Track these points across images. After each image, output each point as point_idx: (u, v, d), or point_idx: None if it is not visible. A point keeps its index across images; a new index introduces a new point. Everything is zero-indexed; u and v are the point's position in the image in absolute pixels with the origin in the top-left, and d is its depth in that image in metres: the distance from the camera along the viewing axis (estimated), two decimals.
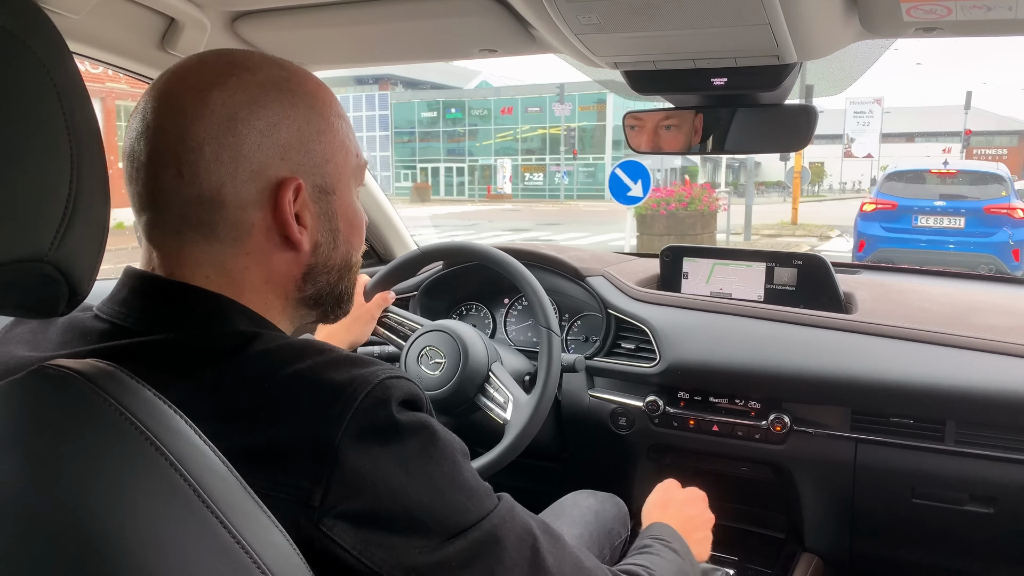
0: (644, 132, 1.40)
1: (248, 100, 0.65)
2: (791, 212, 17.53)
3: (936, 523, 1.40)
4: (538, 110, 31.63)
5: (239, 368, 0.61)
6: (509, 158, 35.10)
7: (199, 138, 0.63)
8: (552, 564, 0.64)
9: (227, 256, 0.66)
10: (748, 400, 1.48)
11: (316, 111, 0.69)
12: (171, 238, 0.67)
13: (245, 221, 0.66)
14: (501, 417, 1.35)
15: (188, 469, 0.51)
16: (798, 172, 17.17)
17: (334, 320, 0.79)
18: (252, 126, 0.65)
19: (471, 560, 0.59)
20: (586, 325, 1.74)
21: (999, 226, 8.63)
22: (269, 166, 0.65)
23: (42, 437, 0.51)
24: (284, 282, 0.70)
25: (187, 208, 0.65)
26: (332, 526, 0.56)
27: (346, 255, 0.74)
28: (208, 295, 0.66)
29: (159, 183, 0.65)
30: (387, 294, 1.52)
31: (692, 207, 11.99)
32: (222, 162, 0.64)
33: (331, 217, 0.71)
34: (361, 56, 1.45)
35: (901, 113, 35.59)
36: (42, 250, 0.50)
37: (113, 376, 0.53)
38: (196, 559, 0.50)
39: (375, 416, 0.58)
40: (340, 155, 0.71)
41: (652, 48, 1.12)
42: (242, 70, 0.66)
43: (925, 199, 9.15)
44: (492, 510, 0.63)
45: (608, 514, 1.31)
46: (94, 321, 0.67)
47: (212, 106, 0.64)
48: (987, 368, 1.31)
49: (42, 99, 0.50)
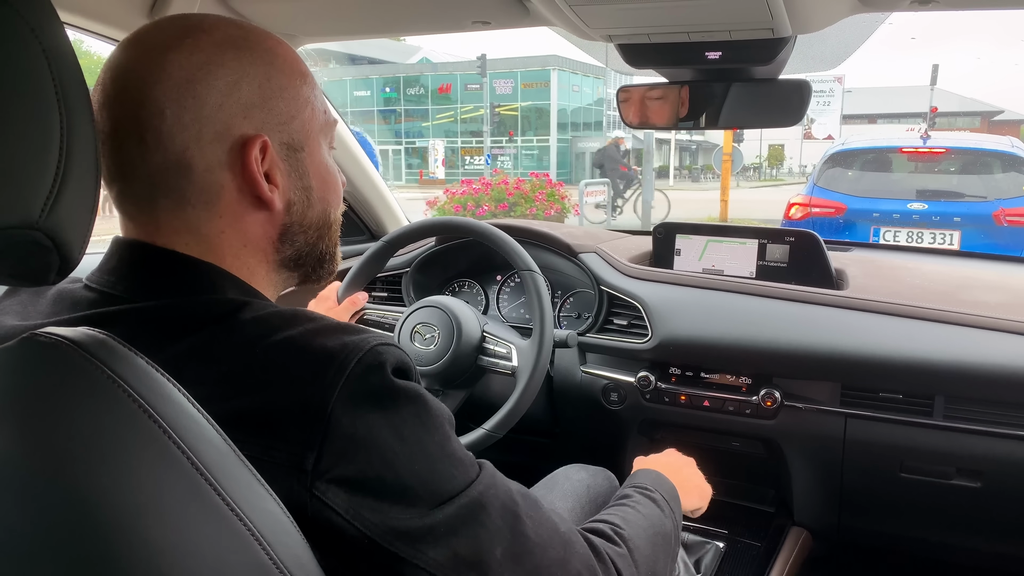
0: (635, 106, 1.39)
1: (205, 60, 0.64)
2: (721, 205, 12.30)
3: (924, 497, 1.42)
4: (478, 87, 28.90)
5: (229, 334, 0.61)
6: (442, 140, 32.23)
7: (159, 102, 0.63)
8: (531, 528, 0.65)
9: (201, 221, 0.66)
10: (739, 375, 1.49)
11: (276, 68, 0.68)
12: (144, 207, 0.67)
13: (214, 183, 0.65)
14: (508, 367, 1.37)
15: (181, 436, 0.51)
16: (728, 155, 11.96)
17: (317, 281, 0.79)
18: (212, 86, 0.64)
19: (458, 526, 0.60)
20: (578, 302, 1.74)
21: (1021, 244, 5.10)
22: (233, 125, 0.65)
23: (34, 405, 0.51)
24: (262, 244, 0.70)
25: (155, 175, 0.65)
26: (325, 490, 0.56)
27: (323, 213, 0.74)
28: (196, 262, 0.66)
29: (124, 153, 0.65)
30: (356, 297, 1.51)
31: (518, 211, 8.85)
32: (185, 125, 0.63)
33: (302, 175, 0.71)
34: (353, 28, 1.44)
35: (863, 93, 35.20)
36: (32, 217, 0.49)
37: (105, 344, 0.53)
38: (190, 526, 0.50)
39: (368, 381, 0.58)
40: (306, 111, 0.71)
41: (646, 20, 1.11)
42: (198, 31, 0.66)
43: (892, 198, 5.53)
44: (476, 478, 0.63)
45: (599, 487, 1.32)
46: (84, 291, 0.67)
47: (169, 69, 0.63)
48: (977, 344, 1.33)
49: (31, 64, 0.50)
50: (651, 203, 11.58)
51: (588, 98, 32.60)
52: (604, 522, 0.83)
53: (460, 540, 0.60)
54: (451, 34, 1.57)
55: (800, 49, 1.24)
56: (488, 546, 0.61)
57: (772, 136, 34.69)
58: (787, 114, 1.32)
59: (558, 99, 30.73)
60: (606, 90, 31.07)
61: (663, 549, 0.87)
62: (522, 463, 1.36)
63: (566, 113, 31.45)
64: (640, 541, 0.82)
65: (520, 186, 9.05)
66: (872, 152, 6.00)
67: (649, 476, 1.01)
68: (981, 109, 36.02)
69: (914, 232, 5.38)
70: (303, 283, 0.79)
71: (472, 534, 0.61)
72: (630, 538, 0.81)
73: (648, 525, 0.87)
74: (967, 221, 5.30)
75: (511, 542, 0.63)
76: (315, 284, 0.80)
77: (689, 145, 31.09)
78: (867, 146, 6.15)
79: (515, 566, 0.62)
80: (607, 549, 0.75)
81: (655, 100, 1.37)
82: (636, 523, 0.86)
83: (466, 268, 1.85)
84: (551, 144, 30.83)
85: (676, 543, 0.94)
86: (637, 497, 0.94)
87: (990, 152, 5.69)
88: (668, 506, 0.95)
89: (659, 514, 0.91)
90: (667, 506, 0.95)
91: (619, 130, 29.63)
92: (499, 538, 0.62)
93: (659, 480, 1.00)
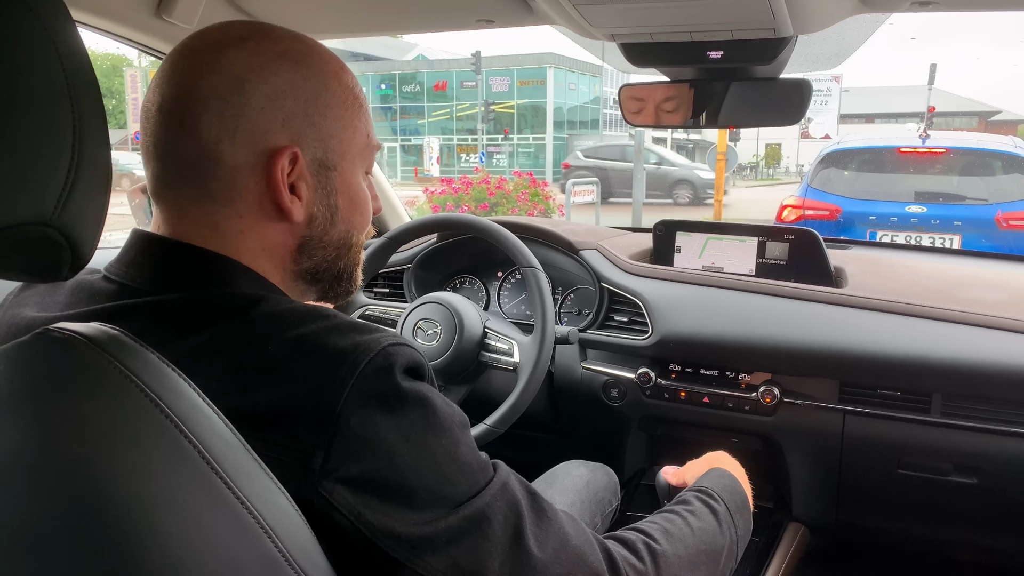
0: (636, 104, 1.40)
1: (261, 64, 0.66)
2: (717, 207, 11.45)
3: (921, 493, 1.43)
4: (474, 85, 28.59)
5: (242, 329, 0.61)
6: (437, 137, 31.48)
7: (205, 92, 0.65)
8: (532, 544, 0.63)
9: (221, 217, 0.67)
10: (738, 372, 1.50)
11: (329, 88, 0.69)
12: (171, 192, 0.68)
13: (239, 183, 0.66)
14: (510, 363, 1.37)
15: (192, 430, 0.52)
16: (722, 154, 11.43)
17: (335, 299, 0.79)
18: (259, 89, 0.65)
19: (460, 536, 0.60)
20: (579, 298, 1.75)
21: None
22: (269, 131, 0.66)
23: (47, 399, 0.52)
24: (280, 252, 0.71)
25: (185, 161, 0.66)
26: (331, 490, 0.57)
27: (345, 233, 0.75)
28: (213, 256, 0.67)
29: (163, 132, 0.66)
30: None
31: (500, 211, 8.45)
32: (224, 118, 0.65)
33: (330, 192, 0.71)
34: (358, 26, 1.45)
35: (860, 93, 35.02)
36: (45, 213, 0.50)
37: (117, 339, 0.53)
38: (201, 518, 0.51)
39: (378, 382, 0.59)
40: (347, 133, 0.71)
41: (649, 20, 1.12)
42: (262, 37, 0.67)
43: (890, 200, 5.32)
44: (485, 485, 0.63)
45: (599, 483, 1.33)
46: (103, 283, 0.68)
47: (224, 64, 0.65)
48: (974, 341, 1.33)
49: (43, 61, 0.50)
50: (642, 203, 11.47)
51: (585, 96, 32.45)
52: (640, 532, 0.78)
53: (461, 550, 0.60)
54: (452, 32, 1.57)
55: (800, 49, 1.25)
56: (488, 558, 0.60)
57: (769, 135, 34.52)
58: (787, 113, 1.33)
59: (554, 97, 30.50)
60: (603, 88, 30.94)
61: (706, 570, 0.80)
62: (523, 459, 1.37)
63: (562, 111, 31.26)
64: (676, 560, 0.76)
65: (502, 185, 8.74)
66: (869, 152, 5.75)
67: (722, 480, 0.94)
68: (979, 109, 35.96)
69: (912, 236, 5.17)
70: (320, 299, 0.79)
71: (474, 545, 0.60)
72: (663, 555, 0.75)
73: (695, 543, 0.80)
74: (968, 225, 5.10)
75: (512, 557, 0.62)
76: (333, 302, 0.80)
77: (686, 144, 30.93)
78: (863, 146, 5.91)
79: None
80: (625, 564, 0.71)
81: (656, 99, 1.38)
82: (680, 539, 0.79)
83: (468, 264, 1.86)
84: (547, 142, 30.64)
85: (730, 560, 0.86)
86: (696, 505, 0.86)
87: (992, 152, 5.47)
88: (731, 520, 0.88)
89: (714, 529, 0.84)
90: (728, 520, 0.87)
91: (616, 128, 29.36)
92: (500, 551, 0.61)
93: (731, 487, 0.93)
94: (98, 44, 43.16)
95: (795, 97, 1.31)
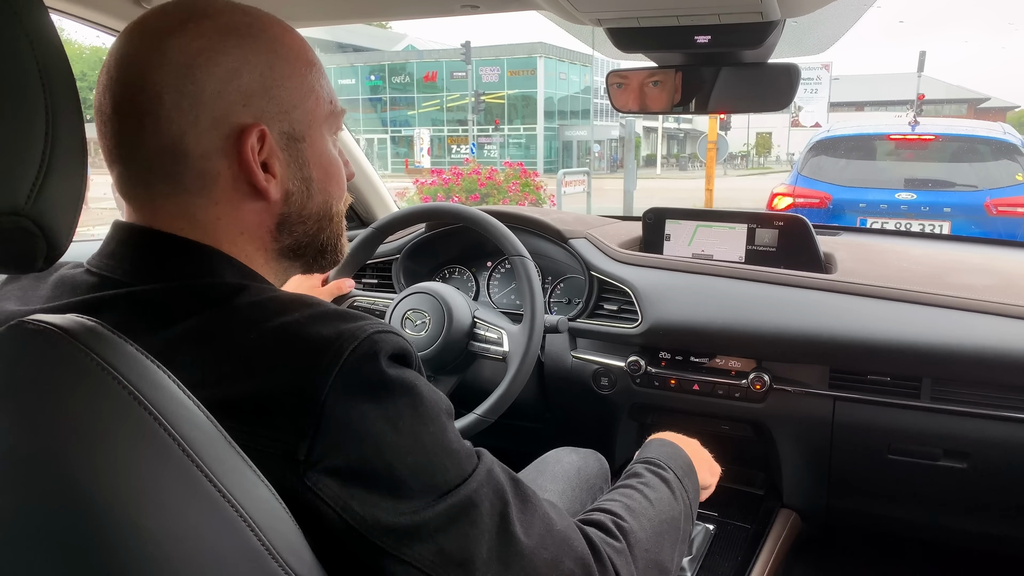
0: (625, 90, 1.39)
1: (206, 46, 0.64)
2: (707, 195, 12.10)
3: (911, 478, 1.43)
4: (464, 75, 28.34)
5: (225, 318, 0.60)
6: (428, 129, 31.52)
7: (158, 87, 0.63)
8: (519, 530, 0.63)
9: (197, 207, 0.66)
10: (728, 359, 1.50)
11: (281, 56, 0.67)
12: (141, 191, 0.66)
13: (210, 170, 0.65)
14: (499, 353, 1.37)
15: (171, 423, 0.51)
16: (712, 143, 11.75)
17: (320, 270, 0.78)
18: (211, 73, 0.63)
19: (447, 524, 0.59)
20: (569, 287, 1.74)
21: (1015, 236, 4.87)
22: (231, 113, 0.64)
23: (23, 392, 0.51)
24: (259, 233, 0.70)
25: (152, 159, 0.64)
26: (316, 480, 0.56)
27: (324, 204, 0.73)
28: (195, 245, 0.66)
29: (123, 135, 0.65)
30: (343, 282, 1.51)
31: (491, 202, 8.35)
32: (182, 111, 0.63)
33: (302, 165, 0.70)
34: (342, 12, 1.43)
35: (850, 81, 35.10)
36: (18, 203, 0.49)
37: (94, 331, 0.52)
38: (181, 512, 0.50)
39: (363, 371, 0.58)
40: (310, 101, 0.70)
41: (636, 3, 1.11)
42: (201, 17, 0.65)
43: (880, 187, 5.34)
44: (472, 473, 0.62)
45: (590, 470, 1.32)
46: (85, 275, 0.67)
47: (169, 54, 0.63)
48: (963, 326, 1.34)
49: (13, 48, 0.49)
50: (633, 192, 11.49)
51: (575, 86, 32.37)
52: (605, 512, 0.81)
53: (448, 538, 0.59)
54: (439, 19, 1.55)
55: (788, 34, 1.24)
56: (476, 545, 0.60)
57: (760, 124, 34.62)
58: (776, 98, 1.32)
59: (545, 87, 30.39)
60: (593, 78, 30.86)
61: (669, 537, 0.83)
62: (513, 448, 1.37)
63: (553, 101, 31.19)
64: (643, 534, 0.79)
65: (493, 176, 8.65)
66: (858, 139, 5.74)
67: (663, 448, 0.97)
68: (968, 96, 36.14)
69: (902, 223, 5.17)
70: (304, 272, 0.78)
71: (461, 532, 0.60)
72: (631, 531, 0.78)
73: (654, 514, 0.83)
74: (957, 211, 5.10)
75: (500, 543, 0.62)
76: (320, 272, 0.79)
77: (677, 133, 30.90)
78: (853, 133, 5.89)
79: (503, 567, 0.61)
80: (605, 546, 0.72)
81: (645, 85, 1.37)
82: (641, 512, 0.82)
83: (457, 254, 1.85)
84: (538, 132, 30.54)
85: (688, 523, 0.90)
86: (647, 476, 0.90)
87: (981, 139, 5.47)
88: (680, 485, 0.91)
89: (669, 497, 0.88)
90: (679, 485, 0.91)
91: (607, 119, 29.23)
92: (488, 538, 0.61)
93: (674, 454, 0.96)
94: (82, 35, 42.72)
95: (783, 82, 1.30)
